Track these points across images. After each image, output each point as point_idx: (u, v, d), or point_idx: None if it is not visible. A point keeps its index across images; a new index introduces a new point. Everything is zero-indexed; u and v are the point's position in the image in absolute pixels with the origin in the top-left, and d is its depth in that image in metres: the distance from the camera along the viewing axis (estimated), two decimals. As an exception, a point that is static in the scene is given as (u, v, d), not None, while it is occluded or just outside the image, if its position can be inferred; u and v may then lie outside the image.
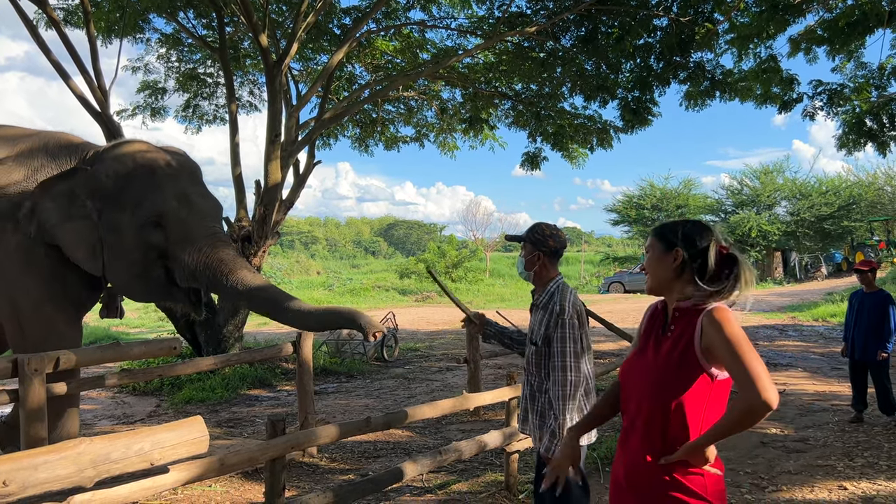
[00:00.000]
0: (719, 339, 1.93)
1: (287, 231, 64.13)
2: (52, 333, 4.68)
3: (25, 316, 4.71)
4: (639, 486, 2.06)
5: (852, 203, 32.81)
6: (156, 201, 4.57)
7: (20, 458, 2.16)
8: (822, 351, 11.60)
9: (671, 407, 2.00)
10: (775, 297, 23.26)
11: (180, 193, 4.66)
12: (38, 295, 4.69)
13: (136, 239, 4.60)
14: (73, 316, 4.91)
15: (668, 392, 2.01)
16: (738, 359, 1.89)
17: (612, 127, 11.80)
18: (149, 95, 12.96)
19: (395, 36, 11.81)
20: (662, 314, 2.18)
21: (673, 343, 2.05)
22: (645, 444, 2.05)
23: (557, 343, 3.08)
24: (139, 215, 4.57)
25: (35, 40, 8.83)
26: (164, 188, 4.63)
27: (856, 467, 5.40)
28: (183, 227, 4.60)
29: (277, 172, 9.71)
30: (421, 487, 5.05)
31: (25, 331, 4.71)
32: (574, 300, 3.16)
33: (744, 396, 1.86)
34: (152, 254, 4.65)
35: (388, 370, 10.84)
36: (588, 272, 42.34)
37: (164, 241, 4.61)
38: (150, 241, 4.60)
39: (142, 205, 4.57)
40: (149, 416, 7.96)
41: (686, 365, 2.00)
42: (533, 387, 3.21)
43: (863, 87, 10.07)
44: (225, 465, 3.20)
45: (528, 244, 3.26)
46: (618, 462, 2.20)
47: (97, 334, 14.89)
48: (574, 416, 3.04)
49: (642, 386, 2.09)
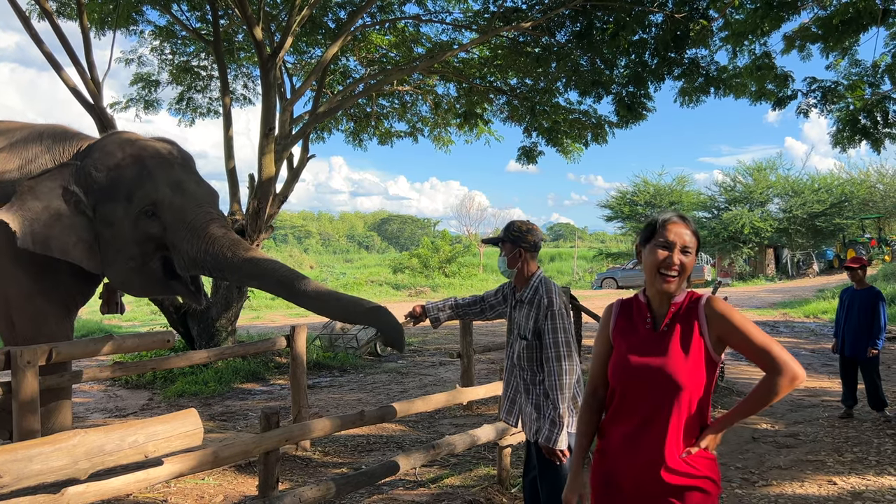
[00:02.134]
0: (731, 328, 2.03)
1: (280, 225, 64.00)
2: (42, 328, 4.63)
3: (16, 310, 4.66)
4: (658, 484, 2.02)
5: (844, 200, 32.93)
6: (148, 190, 4.46)
7: (15, 450, 2.16)
8: (812, 347, 11.67)
9: (696, 400, 2.03)
10: (767, 293, 23.38)
11: (173, 181, 4.56)
12: (28, 289, 4.64)
13: (133, 231, 4.51)
14: (64, 311, 4.85)
15: (690, 386, 2.02)
16: (756, 343, 2.01)
17: (606, 122, 11.81)
18: (142, 88, 12.90)
19: (389, 30, 11.78)
20: (647, 310, 2.17)
21: (682, 338, 2.06)
22: (669, 441, 2.02)
23: (549, 335, 3.12)
24: (133, 206, 4.46)
25: (28, 31, 8.77)
26: (156, 176, 4.52)
27: (845, 462, 5.44)
28: (179, 213, 4.49)
29: (271, 166, 9.69)
30: (414, 481, 5.06)
31: (16, 325, 4.67)
32: (559, 292, 3.20)
33: (775, 373, 1.97)
34: (149, 245, 4.55)
35: (381, 364, 10.85)
36: (581, 268, 42.40)
37: (161, 231, 4.51)
38: (147, 231, 4.50)
39: (134, 195, 4.46)
40: (141, 409, 7.95)
41: (700, 357, 2.04)
42: (526, 381, 3.25)
43: (857, 85, 10.10)
44: (219, 458, 3.20)
45: (507, 243, 3.31)
46: (622, 464, 2.11)
47: (90, 327, 14.84)
48: (570, 405, 3.09)
49: (659, 384, 2.04)
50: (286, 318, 18.43)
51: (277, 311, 21.57)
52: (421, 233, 68.64)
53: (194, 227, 4.47)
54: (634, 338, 2.16)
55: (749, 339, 2.01)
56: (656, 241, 2.10)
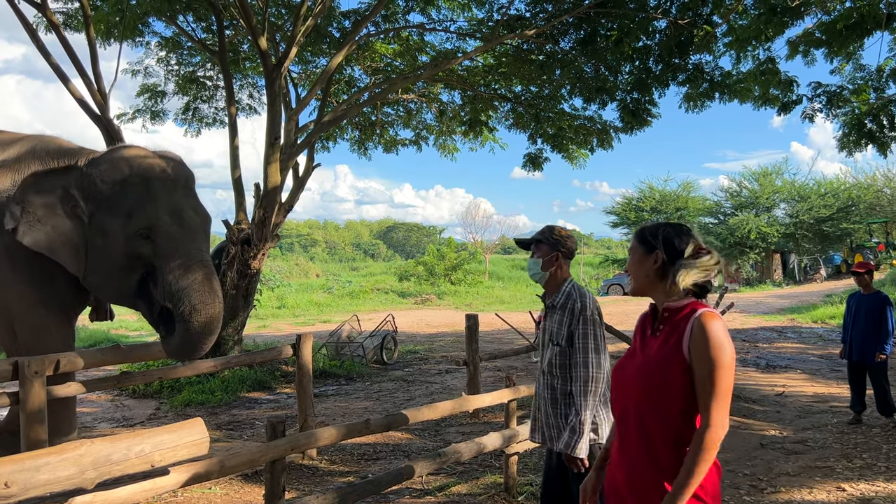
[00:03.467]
0: (702, 354, 1.97)
1: (286, 234, 64.12)
2: (43, 335, 4.69)
3: (17, 319, 4.72)
4: (640, 490, 2.06)
5: (851, 205, 32.82)
6: (149, 213, 4.55)
7: (22, 460, 2.17)
8: (820, 353, 11.61)
9: (662, 405, 2.02)
10: (774, 299, 23.28)
11: (173, 208, 4.65)
12: (29, 298, 4.70)
13: (125, 247, 4.58)
14: (63, 318, 4.92)
15: (657, 391, 2.02)
16: (710, 386, 1.95)
17: (612, 127, 11.81)
18: (148, 98, 12.96)
19: (394, 39, 11.82)
20: (651, 315, 2.21)
21: (662, 342, 2.08)
22: (642, 445, 2.06)
23: (579, 339, 3.10)
24: (131, 225, 4.54)
25: (35, 44, 8.85)
26: (159, 200, 4.61)
27: (854, 469, 5.41)
28: (172, 243, 4.58)
29: (277, 175, 9.72)
30: (420, 489, 5.05)
31: (18, 334, 4.72)
32: (593, 298, 3.20)
33: (704, 426, 1.95)
34: (137, 263, 4.63)
35: (388, 373, 10.84)
36: (587, 274, 42.36)
37: (151, 253, 4.59)
38: (138, 251, 4.58)
39: (135, 215, 4.55)
40: (148, 418, 7.96)
41: (673, 363, 2.02)
42: (556, 390, 3.18)
43: (861, 89, 10.09)
44: (225, 467, 3.20)
45: (545, 245, 3.29)
46: (616, 466, 2.18)
47: (97, 337, 14.88)
48: (597, 412, 3.07)
49: (634, 386, 2.10)
50: (292, 327, 18.46)
51: (283, 319, 21.61)
52: (426, 240, 68.64)
53: (184, 263, 4.55)
54: (638, 343, 2.21)
55: (707, 378, 1.95)
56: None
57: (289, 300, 27.23)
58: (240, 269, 9.70)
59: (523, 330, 11.75)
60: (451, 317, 20.64)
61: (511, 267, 48.60)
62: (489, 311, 18.01)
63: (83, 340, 13.85)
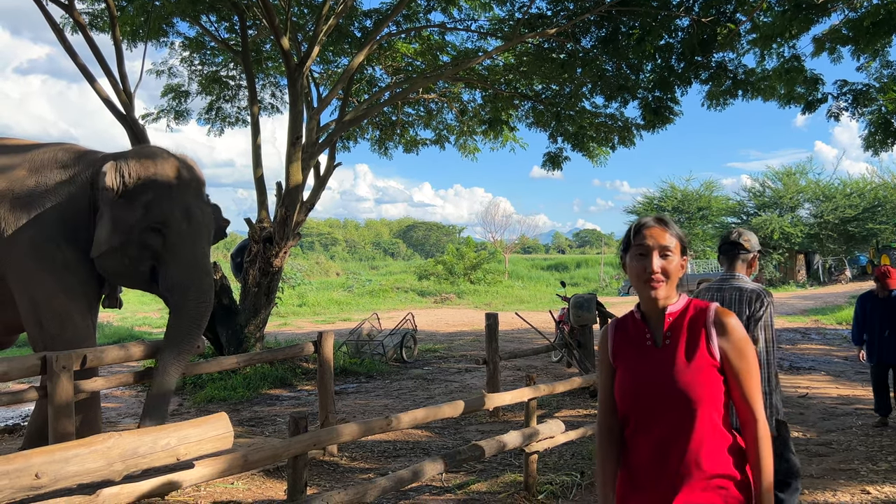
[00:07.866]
0: (737, 351, 1.95)
1: (307, 233, 64.49)
2: (68, 325, 4.88)
3: (43, 310, 4.90)
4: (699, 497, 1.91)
5: (877, 205, 32.30)
6: (164, 209, 4.93)
7: (52, 451, 2.22)
8: (844, 354, 11.46)
9: (717, 414, 1.94)
10: (798, 300, 23.00)
11: (185, 207, 5.03)
12: (53, 289, 4.91)
13: (138, 237, 4.91)
14: (86, 307, 5.13)
15: (707, 400, 1.92)
16: (749, 381, 1.95)
17: (633, 125, 11.74)
18: (172, 98, 13.11)
19: (415, 38, 11.84)
20: (643, 325, 2.05)
21: (688, 350, 1.96)
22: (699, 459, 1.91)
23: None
24: (147, 218, 4.89)
25: (62, 44, 8.98)
26: (174, 198, 4.99)
27: (879, 471, 5.34)
28: (179, 238, 4.96)
29: (298, 174, 9.79)
30: (440, 487, 5.07)
31: (44, 325, 4.89)
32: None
33: (756, 421, 1.94)
34: (146, 253, 4.97)
35: (407, 371, 10.88)
36: (608, 274, 42.10)
37: (161, 246, 4.96)
38: (149, 242, 4.93)
39: (152, 209, 4.90)
40: (171, 414, 8.04)
41: (712, 368, 1.94)
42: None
43: (889, 87, 9.92)
44: (249, 462, 3.24)
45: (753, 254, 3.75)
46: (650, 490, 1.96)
47: (120, 333, 15.08)
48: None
49: (673, 403, 1.93)
50: (313, 325, 18.57)
51: (304, 317, 21.75)
52: (446, 239, 68.65)
53: (184, 259, 5.00)
54: (637, 357, 2.03)
55: (744, 375, 1.94)
56: (633, 248, 2.01)
57: (309, 298, 27.39)
58: (262, 267, 9.79)
59: (543, 329, 11.73)
60: (470, 316, 20.63)
61: (531, 266, 48.48)
62: (509, 311, 17.96)
63: (108, 337, 14.04)
